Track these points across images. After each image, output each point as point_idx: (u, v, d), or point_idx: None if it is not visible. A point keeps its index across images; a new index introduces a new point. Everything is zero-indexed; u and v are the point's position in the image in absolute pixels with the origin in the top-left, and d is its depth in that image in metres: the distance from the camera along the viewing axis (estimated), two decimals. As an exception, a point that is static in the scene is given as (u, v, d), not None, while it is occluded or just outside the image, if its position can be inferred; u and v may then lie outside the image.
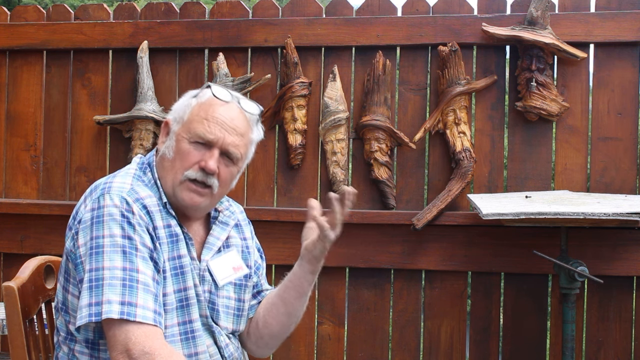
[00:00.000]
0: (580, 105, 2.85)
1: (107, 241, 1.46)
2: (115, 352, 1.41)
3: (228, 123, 1.61)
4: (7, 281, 1.60)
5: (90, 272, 1.44)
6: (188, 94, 1.69)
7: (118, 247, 1.46)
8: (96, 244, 1.46)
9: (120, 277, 1.43)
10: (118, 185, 1.55)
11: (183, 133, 1.60)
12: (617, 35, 2.79)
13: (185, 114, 1.62)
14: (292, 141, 2.98)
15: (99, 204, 1.50)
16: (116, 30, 3.16)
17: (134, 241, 1.48)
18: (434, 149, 2.95)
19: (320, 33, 3.00)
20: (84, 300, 1.43)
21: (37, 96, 3.27)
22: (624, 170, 2.82)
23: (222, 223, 1.74)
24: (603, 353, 2.80)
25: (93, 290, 1.42)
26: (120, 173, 1.61)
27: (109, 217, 1.48)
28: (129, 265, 1.45)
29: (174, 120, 1.64)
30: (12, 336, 1.57)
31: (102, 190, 1.53)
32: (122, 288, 1.42)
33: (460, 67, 2.86)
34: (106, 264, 1.44)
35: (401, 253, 2.90)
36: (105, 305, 1.40)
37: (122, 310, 1.40)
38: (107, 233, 1.47)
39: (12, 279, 1.63)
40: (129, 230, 1.48)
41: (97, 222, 1.48)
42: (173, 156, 1.60)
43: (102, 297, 1.41)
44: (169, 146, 1.61)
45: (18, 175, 3.27)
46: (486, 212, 2.41)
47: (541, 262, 2.67)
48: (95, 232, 1.47)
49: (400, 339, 2.96)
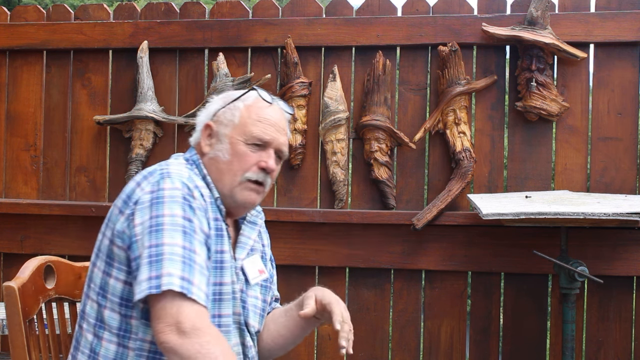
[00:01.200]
0: (580, 105, 2.85)
1: (168, 220, 1.46)
2: (163, 323, 1.39)
3: (279, 124, 1.69)
4: (7, 281, 1.60)
5: (150, 248, 1.43)
6: (226, 97, 1.72)
7: (179, 227, 1.46)
8: (156, 222, 1.46)
9: (180, 254, 1.43)
10: (176, 171, 1.56)
11: (237, 136, 1.65)
12: (617, 35, 2.79)
13: (235, 117, 1.66)
14: (292, 141, 2.99)
15: (159, 186, 1.50)
16: (116, 30, 3.16)
17: (193, 224, 1.49)
18: (434, 149, 2.95)
19: (320, 33, 3.00)
20: (143, 275, 1.41)
21: (37, 96, 3.27)
22: (624, 170, 2.82)
23: (251, 223, 1.77)
24: (603, 353, 2.81)
25: (153, 264, 1.42)
26: (172, 162, 1.62)
27: (170, 199, 1.49)
28: (188, 245, 1.45)
29: (221, 124, 1.67)
30: (12, 336, 1.57)
31: (162, 174, 1.54)
32: (182, 264, 1.42)
33: (460, 67, 2.86)
34: (166, 240, 1.43)
35: (401, 253, 2.90)
36: (166, 278, 1.39)
37: (182, 285, 1.40)
38: (167, 212, 1.47)
39: (12, 279, 1.63)
40: (190, 212, 1.49)
41: (157, 202, 1.48)
42: (230, 159, 1.64)
43: (162, 270, 1.40)
44: (223, 149, 1.65)
45: (18, 175, 3.27)
46: (486, 212, 2.41)
47: (541, 262, 2.67)
48: (155, 211, 1.47)
49: (400, 339, 2.97)
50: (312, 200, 3.01)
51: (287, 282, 3.03)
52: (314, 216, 2.92)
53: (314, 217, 2.92)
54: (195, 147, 1.72)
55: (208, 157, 1.67)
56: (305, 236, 2.95)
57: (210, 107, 1.73)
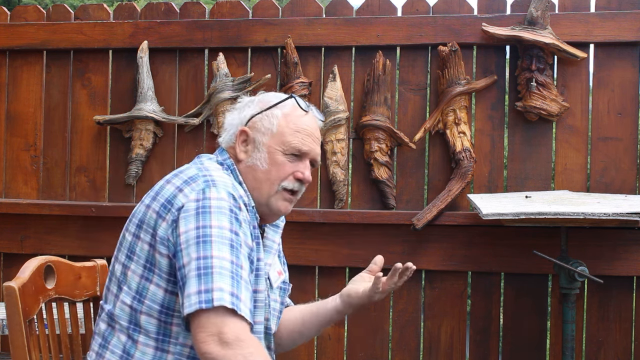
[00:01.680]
0: (580, 105, 2.85)
1: (216, 231, 1.43)
2: (205, 333, 1.37)
3: (315, 134, 1.69)
4: (8, 281, 1.60)
5: (198, 260, 1.40)
6: (262, 102, 1.70)
7: (226, 240, 1.43)
8: (203, 233, 1.42)
9: (229, 268, 1.40)
10: (221, 179, 1.53)
11: (275, 145, 1.64)
12: (617, 35, 2.79)
13: (273, 125, 1.65)
14: (292, 141, 2.98)
15: (205, 195, 1.47)
16: (116, 30, 3.16)
17: (239, 238, 1.47)
18: (434, 149, 2.95)
19: (320, 33, 3.00)
20: (191, 288, 1.38)
21: (37, 96, 3.27)
22: (624, 170, 2.82)
23: (274, 226, 1.78)
24: (603, 353, 2.80)
25: (202, 277, 1.38)
26: (211, 167, 1.60)
27: (217, 209, 1.46)
28: (235, 260, 1.43)
29: (258, 131, 1.65)
30: (12, 336, 1.57)
31: (206, 181, 1.51)
32: (231, 279, 1.39)
33: (460, 67, 2.86)
34: (215, 253, 1.41)
35: (401, 253, 2.90)
36: (217, 293, 1.37)
37: (233, 301, 1.37)
38: (215, 224, 1.44)
39: (13, 279, 1.63)
40: (236, 225, 1.47)
41: (203, 212, 1.45)
42: (268, 168, 1.63)
43: (212, 284, 1.37)
44: (261, 158, 1.64)
45: (18, 175, 3.27)
46: (486, 212, 2.41)
47: (541, 262, 2.67)
48: (202, 221, 1.44)
49: (400, 339, 2.97)
50: (312, 200, 3.01)
51: (287, 282, 3.04)
52: (314, 216, 2.93)
53: (314, 217, 2.93)
54: (227, 150, 1.69)
55: (245, 164, 1.65)
56: (305, 236, 2.95)
57: (245, 111, 1.70)
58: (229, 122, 1.73)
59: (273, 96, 1.72)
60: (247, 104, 1.72)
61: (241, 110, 1.72)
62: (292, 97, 1.70)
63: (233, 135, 1.68)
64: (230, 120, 1.73)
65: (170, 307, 1.49)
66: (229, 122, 1.72)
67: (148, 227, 1.52)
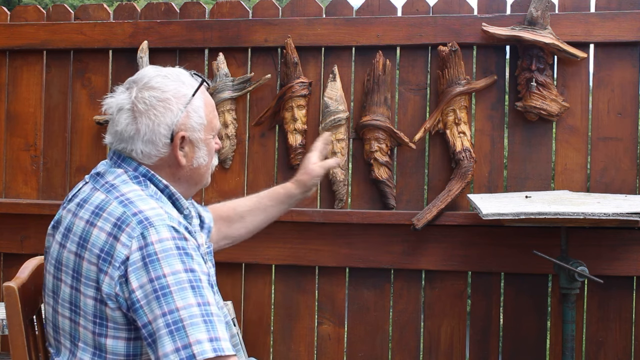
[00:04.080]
0: (580, 105, 2.85)
1: (172, 280, 1.36)
2: None
3: None
4: (7, 281, 1.60)
5: (164, 317, 1.34)
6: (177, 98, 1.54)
7: (185, 284, 1.36)
8: (160, 285, 1.35)
9: (198, 314, 1.34)
10: (153, 213, 1.43)
11: (208, 134, 1.60)
12: (617, 35, 2.79)
13: (202, 118, 1.57)
14: (292, 141, 2.98)
15: (147, 241, 1.39)
16: (116, 30, 3.16)
17: (196, 273, 1.39)
18: (434, 149, 2.95)
19: (320, 33, 3.00)
20: (167, 347, 1.32)
21: (37, 96, 3.27)
22: (624, 170, 2.82)
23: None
24: (603, 353, 2.81)
25: (174, 334, 1.32)
26: (132, 196, 1.47)
27: (164, 254, 1.38)
28: (201, 300, 1.36)
29: (194, 130, 1.55)
30: (12, 336, 1.57)
31: (141, 224, 1.41)
32: (205, 324, 1.34)
33: (460, 67, 2.86)
34: (179, 304, 1.34)
35: (401, 253, 2.90)
36: (196, 347, 1.32)
37: (214, 347, 1.33)
38: (168, 271, 1.36)
39: (12, 279, 1.63)
40: (189, 261, 1.39)
41: (151, 261, 1.37)
42: (208, 159, 1.62)
43: (188, 339, 1.32)
44: (203, 155, 1.59)
45: (18, 175, 3.27)
46: (486, 212, 2.41)
47: (541, 262, 2.67)
48: (153, 272, 1.36)
49: (400, 339, 2.97)
50: (312, 200, 3.01)
51: (287, 282, 3.04)
52: (314, 216, 2.92)
53: (313, 217, 2.92)
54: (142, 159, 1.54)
55: (189, 168, 1.57)
56: (305, 236, 2.95)
57: (163, 113, 1.52)
58: (142, 129, 1.51)
59: (181, 85, 1.55)
60: (156, 105, 1.52)
61: (155, 115, 1.51)
62: (201, 78, 1.59)
63: (165, 146, 1.53)
64: (144, 127, 1.51)
65: (137, 352, 1.44)
66: (146, 130, 1.51)
67: (88, 280, 1.42)
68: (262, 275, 3.06)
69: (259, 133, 3.07)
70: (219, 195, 3.07)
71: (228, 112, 3.04)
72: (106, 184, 1.52)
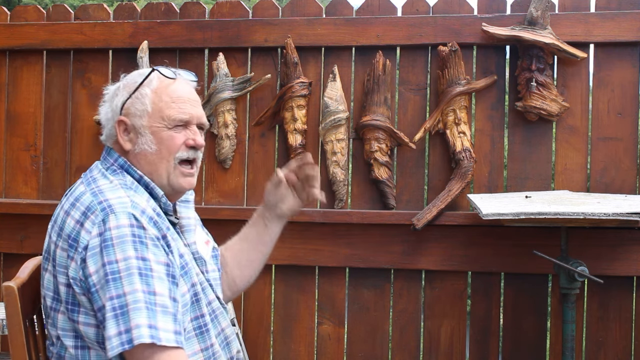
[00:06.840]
0: (580, 105, 2.85)
1: (122, 265, 1.41)
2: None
3: (191, 97, 1.67)
4: (7, 281, 1.60)
5: (112, 300, 1.39)
6: (127, 85, 1.66)
7: (134, 270, 1.41)
8: (111, 270, 1.40)
9: (142, 299, 1.39)
10: (117, 201, 1.49)
11: (156, 123, 1.61)
12: (617, 35, 2.79)
13: (146, 105, 1.62)
14: (292, 141, 2.98)
15: (106, 227, 1.44)
16: (116, 30, 3.16)
17: (148, 262, 1.43)
18: (434, 149, 2.95)
19: (320, 33, 3.00)
20: (111, 330, 1.38)
21: (37, 96, 3.27)
22: (624, 170, 2.82)
23: (184, 202, 1.76)
24: (603, 353, 2.81)
25: (119, 317, 1.38)
26: (103, 184, 1.56)
27: (119, 240, 1.43)
28: (146, 288, 1.40)
29: (135, 116, 1.62)
30: (12, 336, 1.57)
31: (104, 210, 1.47)
32: (147, 311, 1.38)
33: (460, 67, 2.86)
34: (126, 289, 1.39)
35: (401, 253, 2.90)
36: (135, 331, 1.36)
37: (151, 334, 1.37)
38: (120, 257, 1.41)
39: (12, 279, 1.63)
40: (142, 250, 1.44)
41: (106, 246, 1.43)
42: (157, 148, 1.61)
43: (130, 322, 1.37)
44: (147, 141, 1.61)
45: (18, 175, 3.27)
46: (486, 212, 2.41)
47: (541, 262, 2.67)
48: (106, 257, 1.42)
49: (400, 339, 2.97)
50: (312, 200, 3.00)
51: (287, 282, 3.04)
52: (314, 216, 2.93)
53: (314, 217, 2.93)
54: (113, 146, 1.65)
55: (134, 153, 1.62)
56: (305, 236, 2.95)
57: (115, 100, 1.66)
58: (104, 117, 1.67)
59: (137, 75, 1.67)
60: (115, 93, 1.67)
61: (111, 101, 1.67)
62: (154, 69, 1.66)
63: (113, 129, 1.64)
64: (104, 115, 1.68)
65: None
66: (104, 118, 1.67)
67: (60, 267, 1.50)
68: (262, 275, 3.00)
69: (259, 133, 3.07)
70: (219, 195, 3.07)
71: (228, 112, 3.04)
72: (90, 178, 1.61)
